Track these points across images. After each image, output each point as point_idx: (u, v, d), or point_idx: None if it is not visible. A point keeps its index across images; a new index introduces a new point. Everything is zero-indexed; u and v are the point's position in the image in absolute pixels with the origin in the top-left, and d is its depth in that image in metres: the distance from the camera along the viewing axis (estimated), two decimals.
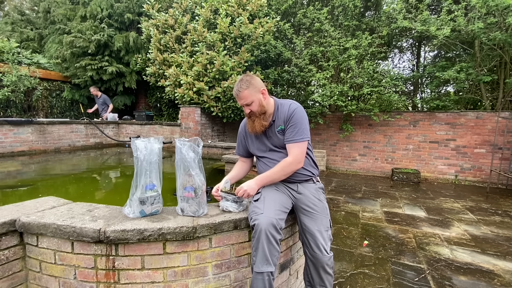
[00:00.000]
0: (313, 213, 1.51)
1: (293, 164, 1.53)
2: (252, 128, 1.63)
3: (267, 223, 1.32)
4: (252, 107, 1.56)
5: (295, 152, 1.53)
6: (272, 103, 1.64)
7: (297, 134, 1.54)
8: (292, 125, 1.55)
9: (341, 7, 6.37)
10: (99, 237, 1.25)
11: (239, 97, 1.56)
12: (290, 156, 1.54)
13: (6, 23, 10.05)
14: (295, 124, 1.54)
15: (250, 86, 1.53)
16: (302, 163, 1.56)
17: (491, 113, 5.51)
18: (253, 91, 1.54)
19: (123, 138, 7.06)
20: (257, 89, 1.55)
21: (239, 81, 1.56)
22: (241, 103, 1.59)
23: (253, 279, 1.33)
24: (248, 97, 1.54)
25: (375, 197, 4.61)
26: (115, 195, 2.83)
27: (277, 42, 6.61)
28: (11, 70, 6.66)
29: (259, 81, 1.58)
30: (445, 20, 5.22)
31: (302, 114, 1.58)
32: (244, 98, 1.55)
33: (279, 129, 1.60)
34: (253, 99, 1.55)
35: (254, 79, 1.57)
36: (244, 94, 1.54)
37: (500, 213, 3.87)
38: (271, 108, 1.63)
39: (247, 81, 1.54)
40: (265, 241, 1.31)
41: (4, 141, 4.79)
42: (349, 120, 6.62)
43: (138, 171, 1.36)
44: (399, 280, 2.21)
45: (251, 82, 1.54)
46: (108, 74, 7.68)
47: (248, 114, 1.62)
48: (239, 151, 1.86)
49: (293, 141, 1.54)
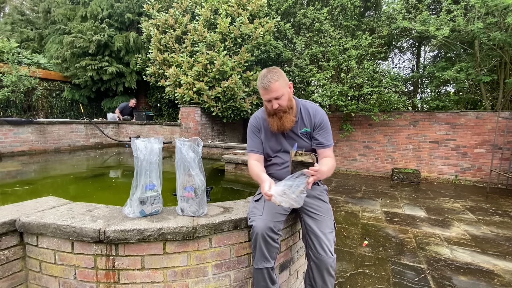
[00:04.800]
0: (317, 215, 1.50)
1: (334, 166, 1.53)
2: (280, 125, 1.51)
3: (264, 227, 1.33)
4: (282, 101, 1.46)
5: (332, 155, 1.56)
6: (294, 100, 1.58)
7: (330, 138, 1.56)
8: (324, 130, 1.54)
9: (340, 7, 6.37)
10: (99, 237, 1.25)
11: (269, 90, 1.43)
12: (331, 158, 1.54)
13: (6, 23, 10.05)
14: (326, 129, 1.55)
15: (281, 78, 1.43)
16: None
17: (491, 113, 5.51)
18: (283, 83, 1.44)
19: (123, 138, 7.06)
20: (286, 82, 1.47)
21: (268, 72, 1.45)
22: (269, 97, 1.45)
23: (254, 274, 1.42)
24: (279, 89, 1.43)
25: (375, 197, 4.61)
26: (115, 195, 2.83)
27: (277, 42, 6.61)
28: (11, 70, 6.66)
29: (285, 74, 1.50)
30: (445, 20, 5.22)
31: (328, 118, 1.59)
32: (275, 91, 1.42)
33: (304, 131, 1.55)
34: (283, 92, 1.44)
35: (281, 71, 1.47)
36: (276, 86, 1.42)
37: (500, 213, 3.87)
38: (295, 106, 1.56)
39: (276, 72, 1.44)
40: (262, 242, 1.34)
41: (4, 141, 4.78)
42: (349, 120, 6.62)
43: (138, 171, 1.36)
44: (399, 280, 2.21)
45: (282, 74, 1.45)
46: (108, 74, 7.69)
47: (274, 110, 1.49)
48: (257, 147, 1.65)
49: (328, 146, 1.55)
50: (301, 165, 1.30)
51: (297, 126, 1.57)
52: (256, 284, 1.43)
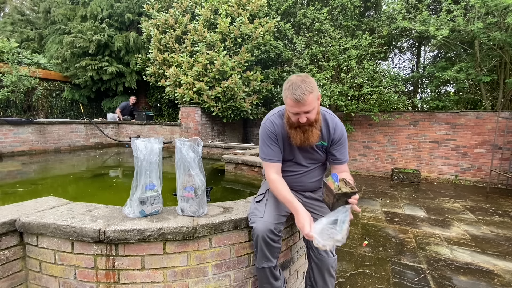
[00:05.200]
0: (319, 215, 1.50)
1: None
2: (303, 140, 1.37)
3: (264, 229, 1.33)
4: (311, 114, 1.30)
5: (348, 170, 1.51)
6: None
7: (347, 154, 1.52)
8: (342, 146, 1.47)
9: (340, 7, 6.37)
10: (99, 237, 1.25)
11: (302, 103, 1.24)
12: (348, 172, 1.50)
13: (6, 23, 10.05)
14: (344, 144, 1.48)
15: (314, 89, 1.26)
16: None
17: (491, 113, 5.51)
18: (315, 96, 1.27)
19: (123, 138, 7.06)
20: (317, 93, 1.29)
21: (301, 82, 1.24)
22: (300, 110, 1.27)
23: (257, 273, 1.45)
24: (312, 103, 1.26)
25: (375, 197, 4.61)
26: (115, 195, 2.83)
27: (277, 42, 6.61)
28: (11, 70, 6.66)
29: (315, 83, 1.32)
30: (445, 20, 5.22)
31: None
32: (308, 104, 1.24)
33: (320, 144, 1.46)
34: (314, 106, 1.28)
35: (313, 80, 1.30)
36: (310, 99, 1.24)
37: (500, 213, 3.87)
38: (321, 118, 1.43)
39: (310, 82, 1.25)
40: (263, 244, 1.35)
41: (4, 141, 4.78)
42: (349, 120, 6.62)
43: (138, 171, 1.36)
44: (399, 280, 2.21)
45: (314, 84, 1.27)
46: (108, 74, 7.69)
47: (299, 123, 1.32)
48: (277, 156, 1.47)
49: (346, 161, 1.51)
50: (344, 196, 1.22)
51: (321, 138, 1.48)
52: (260, 283, 1.44)
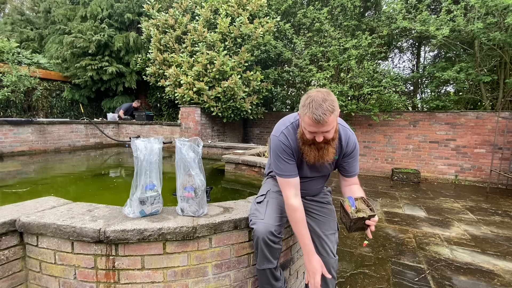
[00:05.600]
0: (321, 216, 1.50)
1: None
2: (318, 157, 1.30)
3: (265, 231, 1.33)
4: (329, 134, 1.22)
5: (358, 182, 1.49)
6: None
7: (357, 166, 1.48)
8: (353, 159, 1.43)
9: (340, 7, 6.37)
10: (99, 237, 1.25)
11: (322, 124, 1.14)
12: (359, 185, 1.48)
13: (6, 23, 10.05)
14: (355, 157, 1.44)
15: (336, 109, 1.16)
16: None
17: (491, 113, 5.51)
18: (336, 115, 1.18)
19: (123, 138, 7.05)
20: (338, 112, 1.20)
21: (323, 101, 1.13)
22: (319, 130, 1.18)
23: (257, 274, 1.45)
24: (332, 123, 1.17)
25: (375, 197, 4.61)
26: (115, 195, 2.83)
27: (277, 42, 6.61)
28: (11, 70, 6.66)
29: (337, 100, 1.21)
30: (445, 20, 5.22)
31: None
32: (328, 125, 1.16)
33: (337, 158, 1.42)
34: (334, 125, 1.20)
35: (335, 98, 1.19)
36: (331, 120, 1.15)
37: (500, 213, 3.87)
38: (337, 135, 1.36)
39: (332, 101, 1.15)
40: (264, 246, 1.34)
41: (4, 141, 4.78)
42: (349, 120, 6.61)
43: (138, 171, 1.36)
44: (399, 280, 2.21)
45: (336, 104, 1.17)
46: (108, 74, 7.69)
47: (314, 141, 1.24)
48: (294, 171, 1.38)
49: (357, 174, 1.48)
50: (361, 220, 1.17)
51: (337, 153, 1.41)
52: (261, 283, 1.44)
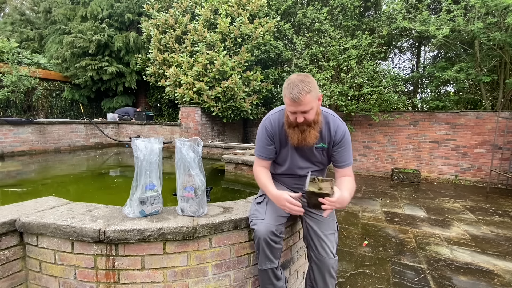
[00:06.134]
0: (319, 216, 1.50)
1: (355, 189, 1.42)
2: (301, 140, 1.37)
3: (266, 231, 1.33)
4: (309, 115, 1.28)
5: (352, 175, 1.46)
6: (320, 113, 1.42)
7: (350, 156, 1.45)
8: (344, 148, 1.42)
9: (339, 7, 6.37)
10: (99, 237, 1.25)
11: (299, 102, 1.23)
12: (352, 178, 1.45)
13: (6, 23, 10.05)
14: (346, 146, 1.42)
15: (313, 89, 1.25)
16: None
17: (491, 113, 5.51)
18: (314, 96, 1.26)
19: (123, 138, 7.06)
20: (317, 94, 1.28)
21: (299, 81, 1.23)
22: (297, 110, 1.26)
23: (259, 273, 1.44)
24: (309, 103, 1.24)
25: (375, 197, 4.61)
26: (115, 195, 2.83)
27: (277, 42, 6.61)
28: (11, 70, 6.66)
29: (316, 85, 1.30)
30: (445, 20, 5.22)
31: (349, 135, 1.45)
32: (304, 104, 1.23)
33: (320, 146, 1.43)
34: (312, 106, 1.27)
35: (313, 80, 1.28)
36: (307, 99, 1.23)
37: (500, 213, 3.87)
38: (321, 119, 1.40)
39: (309, 82, 1.24)
40: (265, 246, 1.34)
41: (4, 141, 4.79)
42: (349, 120, 6.62)
43: (138, 171, 1.36)
44: (399, 280, 2.21)
45: (313, 85, 1.26)
46: (108, 74, 7.69)
47: (297, 123, 1.32)
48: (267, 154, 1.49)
49: (347, 165, 1.45)
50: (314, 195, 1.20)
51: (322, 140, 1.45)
52: (262, 284, 1.44)
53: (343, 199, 1.24)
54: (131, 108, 8.17)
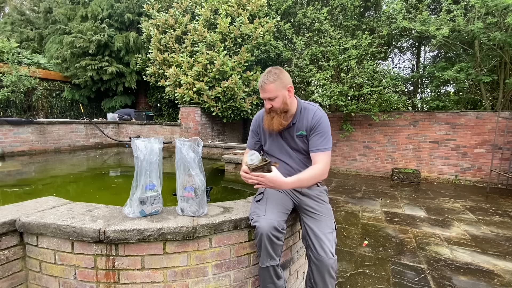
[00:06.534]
0: (317, 215, 1.50)
1: (322, 175, 1.46)
2: (269, 125, 1.55)
3: (268, 227, 1.33)
4: (275, 102, 1.47)
5: (324, 161, 1.47)
6: (295, 103, 1.56)
7: (324, 143, 1.48)
8: (319, 133, 1.49)
9: (340, 7, 6.37)
10: (99, 237, 1.25)
11: (263, 90, 1.47)
12: (320, 166, 1.46)
13: (6, 23, 10.05)
14: (322, 132, 1.49)
15: (278, 80, 1.44)
16: (327, 174, 1.48)
17: (491, 113, 5.51)
18: (279, 86, 1.45)
19: (123, 138, 7.06)
20: (284, 85, 1.46)
21: (267, 72, 1.47)
22: (263, 96, 1.49)
23: (259, 272, 1.43)
24: (273, 91, 1.45)
25: (375, 197, 4.61)
26: (115, 195, 2.83)
27: (277, 42, 6.61)
28: (11, 70, 6.66)
29: (287, 77, 1.49)
30: (445, 20, 5.22)
31: (328, 122, 1.52)
32: (268, 92, 1.45)
33: (299, 134, 1.54)
34: (277, 94, 1.46)
35: (283, 73, 1.47)
36: (270, 88, 1.44)
37: (500, 213, 3.87)
38: (294, 109, 1.55)
39: (275, 74, 1.45)
40: (267, 242, 1.34)
41: (4, 141, 4.79)
42: (349, 120, 6.62)
43: (138, 171, 1.36)
44: (399, 280, 2.21)
45: (279, 76, 1.45)
46: (108, 74, 7.69)
47: (268, 110, 1.53)
48: (250, 143, 1.77)
49: (322, 150, 1.48)
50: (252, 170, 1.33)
51: (293, 128, 1.56)
52: (263, 282, 1.43)
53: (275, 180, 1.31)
54: (132, 110, 8.18)
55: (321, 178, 1.48)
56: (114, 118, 7.30)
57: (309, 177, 1.43)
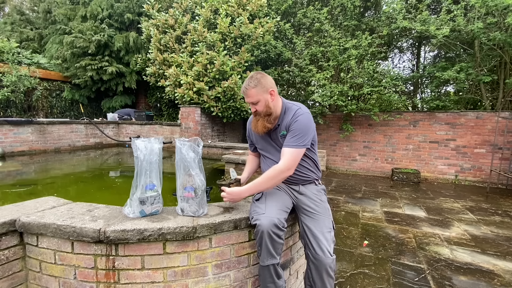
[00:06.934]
0: (314, 214, 1.50)
1: (283, 171, 1.44)
2: (255, 127, 1.61)
3: (269, 224, 1.33)
4: (258, 106, 1.52)
5: (286, 158, 1.45)
6: (280, 105, 1.57)
7: (292, 140, 1.47)
8: (291, 131, 1.49)
9: (340, 7, 6.37)
10: (99, 237, 1.25)
11: (245, 95, 1.52)
12: (281, 162, 1.46)
13: (6, 23, 10.05)
14: (294, 130, 1.48)
15: (259, 85, 1.48)
16: (292, 170, 1.47)
17: (491, 113, 5.51)
18: (260, 91, 1.49)
19: (123, 138, 7.06)
20: (266, 89, 1.49)
21: (249, 78, 1.51)
22: (247, 101, 1.55)
23: (260, 272, 1.42)
24: (255, 96, 1.49)
25: (375, 197, 4.61)
26: (115, 195, 2.83)
27: (277, 42, 6.61)
28: (11, 70, 6.66)
29: (269, 81, 1.52)
30: (445, 20, 5.22)
31: (306, 121, 1.49)
32: (250, 97, 1.50)
33: (282, 134, 1.56)
34: (259, 99, 1.50)
35: (264, 78, 1.51)
36: (251, 93, 1.49)
37: (500, 213, 3.87)
38: (278, 110, 1.57)
39: (256, 79, 1.49)
40: (268, 240, 1.34)
41: (4, 141, 4.79)
42: (349, 120, 6.62)
43: (138, 171, 1.36)
44: (399, 280, 2.21)
45: (260, 81, 1.49)
46: (108, 74, 7.69)
47: (253, 113, 1.58)
48: (249, 144, 1.87)
49: (287, 145, 1.47)
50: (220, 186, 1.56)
51: (278, 129, 1.58)
52: (263, 281, 1.42)
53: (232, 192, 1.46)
54: (132, 110, 8.18)
55: (284, 175, 1.45)
56: (114, 118, 7.30)
57: (266, 178, 1.44)
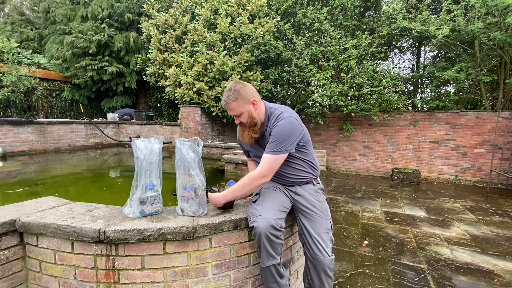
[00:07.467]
0: (312, 214, 1.50)
1: (257, 178, 1.43)
2: (242, 137, 1.59)
3: (266, 225, 1.33)
4: (242, 118, 1.48)
5: (261, 165, 1.43)
6: (264, 111, 1.52)
7: (270, 146, 1.43)
8: (271, 137, 1.44)
9: (340, 7, 6.37)
10: (99, 237, 1.25)
11: (227, 108, 1.48)
12: (257, 169, 1.45)
13: (6, 23, 10.05)
14: (273, 136, 1.44)
15: (239, 97, 1.42)
16: (269, 177, 1.44)
17: (491, 113, 5.51)
18: (241, 102, 1.43)
19: (123, 138, 7.06)
20: (247, 100, 1.44)
21: (227, 90, 1.45)
22: (230, 114, 1.51)
23: (261, 273, 1.43)
24: (237, 109, 1.44)
25: (375, 197, 4.61)
26: (115, 195, 2.83)
27: (277, 42, 6.61)
28: (11, 70, 6.67)
29: (249, 91, 1.45)
30: (445, 20, 5.22)
31: (285, 126, 1.42)
32: (232, 110, 1.46)
33: (267, 141, 1.50)
34: (241, 111, 1.45)
35: (244, 88, 1.44)
36: (232, 106, 1.44)
37: (500, 213, 3.87)
38: (263, 117, 1.52)
39: (235, 91, 1.43)
40: (266, 241, 1.34)
41: (4, 141, 4.79)
42: (349, 120, 6.62)
43: (138, 171, 1.36)
44: (399, 280, 2.21)
45: (240, 92, 1.43)
46: (108, 74, 7.70)
47: (238, 124, 1.56)
48: (244, 153, 1.86)
49: (265, 152, 1.44)
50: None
51: (264, 136, 1.56)
52: (266, 282, 1.42)
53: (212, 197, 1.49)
54: (132, 110, 8.19)
55: (259, 182, 1.43)
56: (114, 118, 7.30)
57: (241, 185, 1.45)
